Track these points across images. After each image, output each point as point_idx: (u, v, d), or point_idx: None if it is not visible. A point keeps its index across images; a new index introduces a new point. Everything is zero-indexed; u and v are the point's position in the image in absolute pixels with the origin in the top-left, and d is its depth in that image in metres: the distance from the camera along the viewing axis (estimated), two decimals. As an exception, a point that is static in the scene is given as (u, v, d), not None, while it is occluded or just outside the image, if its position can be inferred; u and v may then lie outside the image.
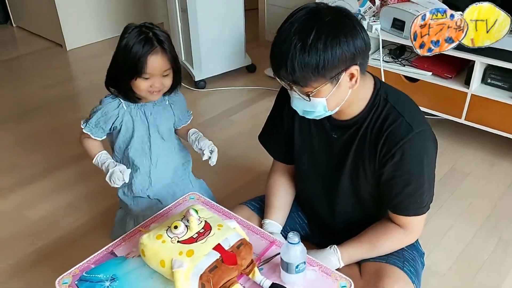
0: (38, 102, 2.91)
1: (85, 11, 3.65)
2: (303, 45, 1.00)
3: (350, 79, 1.09)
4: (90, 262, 1.21)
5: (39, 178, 2.19)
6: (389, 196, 1.22)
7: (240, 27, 2.95)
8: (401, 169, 1.15)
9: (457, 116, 2.17)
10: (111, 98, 1.47)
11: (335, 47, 1.01)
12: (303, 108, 1.15)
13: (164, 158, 1.56)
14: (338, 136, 1.24)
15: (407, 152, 1.13)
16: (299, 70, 1.02)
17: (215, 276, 1.05)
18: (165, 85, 1.41)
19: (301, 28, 1.02)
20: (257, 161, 2.21)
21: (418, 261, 1.30)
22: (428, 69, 2.22)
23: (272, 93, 2.88)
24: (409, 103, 1.19)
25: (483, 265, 1.67)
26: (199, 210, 1.18)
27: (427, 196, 1.20)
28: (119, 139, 1.51)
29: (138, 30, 1.35)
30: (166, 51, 1.36)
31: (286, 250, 1.08)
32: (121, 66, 1.37)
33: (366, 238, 1.25)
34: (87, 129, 1.47)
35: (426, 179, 1.18)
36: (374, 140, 1.17)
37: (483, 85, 2.14)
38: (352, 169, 1.24)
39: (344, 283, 1.11)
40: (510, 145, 2.26)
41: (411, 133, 1.12)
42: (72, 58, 3.57)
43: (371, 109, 1.17)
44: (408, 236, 1.26)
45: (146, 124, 1.50)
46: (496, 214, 1.90)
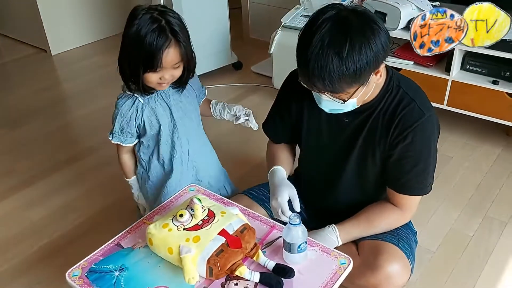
0: (29, 107, 2.92)
1: (69, 16, 3.66)
2: (340, 58, 1.03)
3: (375, 74, 1.14)
4: (98, 254, 1.26)
5: (37, 181, 2.22)
6: (397, 176, 1.28)
7: (225, 26, 3.00)
8: (412, 150, 1.22)
9: (439, 102, 2.26)
10: (124, 97, 1.39)
11: (368, 52, 1.04)
12: (332, 107, 1.19)
13: (197, 143, 1.50)
14: (349, 121, 1.28)
15: (418, 134, 1.20)
16: (338, 81, 1.06)
17: (222, 259, 1.11)
18: (175, 77, 1.33)
19: (333, 40, 1.03)
20: (251, 154, 2.27)
21: (412, 238, 1.38)
22: (410, 59, 2.31)
23: (259, 89, 2.95)
24: (419, 89, 1.26)
25: (470, 241, 1.76)
26: (202, 199, 1.24)
27: (431, 177, 1.28)
28: (146, 136, 1.43)
29: (150, 16, 1.23)
30: (180, 44, 1.26)
31: (288, 231, 1.14)
32: (134, 57, 1.27)
33: (364, 217, 1.32)
34: (115, 139, 1.42)
35: (432, 160, 1.26)
36: (387, 123, 1.23)
37: (462, 72, 2.23)
38: (361, 152, 1.30)
39: (343, 260, 1.18)
40: (490, 128, 2.36)
41: (423, 117, 1.19)
42: (57, 63, 3.57)
43: (385, 94, 1.23)
44: (403, 216, 1.33)
45: (168, 109, 1.41)
46: (479, 193, 1.99)
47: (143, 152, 1.49)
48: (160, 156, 1.48)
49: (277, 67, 2.70)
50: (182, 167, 1.51)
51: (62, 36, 3.67)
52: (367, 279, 1.26)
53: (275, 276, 1.12)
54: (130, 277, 1.17)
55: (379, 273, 1.24)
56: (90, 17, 3.76)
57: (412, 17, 2.24)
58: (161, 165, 1.51)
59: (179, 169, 1.51)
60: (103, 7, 3.82)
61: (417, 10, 2.26)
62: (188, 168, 1.52)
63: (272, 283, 1.11)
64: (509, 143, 2.30)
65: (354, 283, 1.29)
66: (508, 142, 2.30)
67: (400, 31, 2.25)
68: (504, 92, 2.08)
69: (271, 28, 2.79)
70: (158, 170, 1.51)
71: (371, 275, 1.25)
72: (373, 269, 1.25)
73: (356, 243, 1.35)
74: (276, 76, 2.74)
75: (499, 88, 2.09)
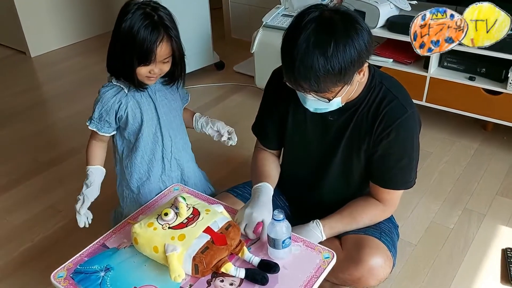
0: (8, 110, 2.88)
1: (48, 17, 3.61)
2: (325, 58, 1.05)
3: (359, 73, 1.16)
4: (83, 255, 1.25)
5: (18, 184, 2.19)
6: (381, 171, 1.31)
7: (207, 26, 3.00)
8: (395, 146, 1.25)
9: (418, 99, 2.31)
10: (109, 86, 1.37)
11: (353, 53, 1.07)
12: (317, 106, 1.21)
13: (180, 140, 1.50)
14: (334, 119, 1.30)
15: (401, 130, 1.23)
16: (323, 81, 1.08)
17: (207, 257, 1.12)
18: (163, 71, 1.34)
19: (318, 40, 1.05)
20: (235, 152, 2.28)
21: (394, 232, 1.41)
22: (389, 56, 2.35)
23: (241, 88, 2.96)
24: (401, 87, 1.29)
25: (450, 233, 1.81)
26: (187, 197, 1.24)
27: (414, 172, 1.31)
28: (128, 129, 1.40)
29: (143, 12, 1.25)
30: (172, 38, 1.28)
31: (272, 227, 1.16)
32: (126, 51, 1.27)
33: (347, 212, 1.34)
34: (92, 125, 1.39)
35: (415, 155, 1.29)
36: (371, 120, 1.25)
37: (440, 69, 2.28)
38: (346, 149, 1.32)
39: (327, 255, 1.20)
40: (468, 123, 2.42)
41: (406, 113, 1.22)
42: (37, 65, 3.53)
43: (368, 92, 1.25)
44: (386, 211, 1.36)
45: (153, 104, 1.41)
46: (458, 187, 2.04)
47: (124, 147, 1.47)
48: (141, 152, 1.45)
49: (259, 66, 2.71)
50: (164, 164, 1.49)
51: (41, 38, 3.63)
52: (350, 273, 1.28)
53: (260, 272, 1.14)
54: (116, 277, 1.17)
55: (362, 267, 1.26)
56: (69, 19, 3.72)
57: (391, 15, 2.29)
58: (141, 161, 1.47)
59: (161, 165, 1.49)
60: (82, 8, 3.78)
61: (395, 8, 2.31)
62: (172, 166, 1.51)
63: (257, 278, 1.12)
64: (486, 137, 2.36)
65: (337, 277, 1.31)
66: (485, 136, 2.36)
67: (379, 30, 2.29)
68: (481, 88, 2.14)
69: (252, 28, 2.81)
70: (138, 166, 1.47)
71: (354, 269, 1.27)
72: (356, 262, 1.27)
73: (339, 237, 1.37)
74: (258, 75, 2.76)
75: (475, 84, 2.14)
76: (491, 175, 2.10)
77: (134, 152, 1.45)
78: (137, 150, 1.43)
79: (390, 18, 2.28)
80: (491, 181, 2.06)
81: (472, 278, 1.62)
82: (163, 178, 1.50)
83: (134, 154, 1.45)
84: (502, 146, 2.29)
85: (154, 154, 1.46)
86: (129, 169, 1.48)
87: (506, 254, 1.68)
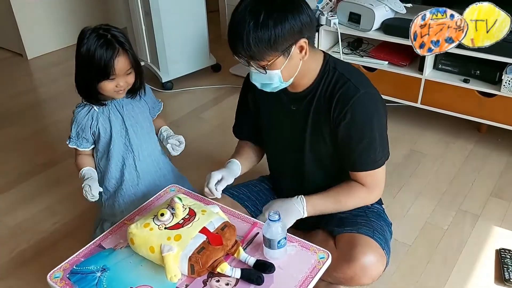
0: (4, 112, 2.88)
1: (45, 19, 3.62)
2: (256, 23, 1.13)
3: (300, 51, 1.22)
4: (80, 255, 1.26)
5: (14, 186, 2.19)
6: (346, 155, 1.34)
7: (203, 29, 3.02)
8: (353, 127, 1.28)
9: (413, 101, 2.33)
10: (81, 106, 1.52)
11: (284, 23, 1.15)
12: (261, 81, 1.27)
13: (146, 150, 1.60)
14: (296, 108, 1.36)
15: (357, 110, 1.26)
16: (254, 45, 1.15)
17: (203, 257, 1.13)
18: (129, 83, 1.46)
19: (253, 9, 1.14)
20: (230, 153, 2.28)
21: (386, 230, 1.42)
22: (384, 59, 2.36)
23: (237, 90, 2.90)
24: (355, 70, 1.34)
25: (445, 233, 1.82)
26: (183, 198, 1.25)
27: (380, 151, 1.32)
28: (101, 142, 1.54)
29: (96, 34, 1.38)
30: (127, 52, 1.41)
31: (268, 227, 1.17)
32: (87, 72, 1.40)
33: (332, 193, 1.37)
34: (72, 143, 1.54)
35: (378, 135, 1.30)
36: (327, 104, 1.30)
37: (435, 71, 2.30)
38: (312, 135, 1.36)
39: (322, 255, 1.21)
40: (462, 125, 2.44)
41: (358, 93, 1.26)
42: (33, 67, 3.53)
43: (322, 77, 1.31)
44: (370, 194, 1.38)
45: (120, 118, 1.53)
46: (453, 188, 2.06)
47: (99, 159, 1.58)
48: (114, 160, 1.56)
49: (255, 68, 2.72)
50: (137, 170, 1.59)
51: (38, 40, 3.63)
52: (344, 271, 1.30)
53: (255, 272, 1.15)
54: (112, 277, 1.18)
55: (354, 265, 1.27)
56: (66, 21, 3.72)
57: (386, 18, 2.31)
58: (115, 168, 1.58)
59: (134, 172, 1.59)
60: (79, 10, 3.79)
61: (390, 11, 2.33)
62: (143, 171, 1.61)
63: (253, 278, 1.13)
64: (481, 139, 2.38)
65: (331, 276, 1.32)
66: (479, 138, 2.38)
67: (374, 32, 2.31)
68: (475, 90, 2.15)
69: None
70: (112, 176, 1.59)
71: (347, 267, 1.29)
72: (349, 261, 1.28)
73: (334, 236, 1.38)
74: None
75: (470, 86, 2.16)
76: (486, 176, 2.12)
77: (109, 160, 1.56)
78: (111, 159, 1.56)
79: (385, 20, 2.29)
80: (485, 182, 2.08)
81: (466, 279, 1.63)
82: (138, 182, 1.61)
83: (110, 163, 1.57)
84: (496, 147, 2.31)
85: (124, 161, 1.58)
86: (107, 175, 1.58)
87: (500, 254, 1.69)
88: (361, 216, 1.42)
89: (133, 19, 2.93)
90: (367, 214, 1.42)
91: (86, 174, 1.52)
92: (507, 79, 2.04)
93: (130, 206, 1.56)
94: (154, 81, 3.00)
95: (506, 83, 2.04)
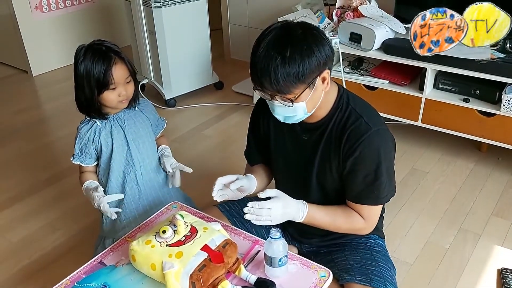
0: (9, 128, 2.91)
1: (50, 37, 3.68)
2: (283, 58, 1.14)
3: (323, 82, 1.24)
4: (81, 272, 1.26)
5: (16, 202, 2.21)
6: (350, 187, 1.34)
7: (207, 47, 3.06)
8: (361, 163, 1.29)
9: (414, 119, 2.35)
10: (85, 122, 1.54)
11: (311, 56, 1.16)
12: (285, 114, 1.27)
13: (149, 164, 1.61)
14: (308, 138, 1.37)
15: (366, 147, 1.27)
16: (283, 80, 1.16)
17: (205, 274, 1.13)
18: (130, 92, 1.49)
19: (277, 44, 1.15)
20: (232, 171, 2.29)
21: (393, 273, 1.40)
22: (385, 78, 2.39)
23: (240, 107, 3.00)
24: (368, 106, 1.35)
25: (446, 253, 1.82)
26: (184, 215, 1.26)
27: (385, 188, 1.33)
28: (103, 156, 1.56)
29: (91, 50, 1.42)
30: (124, 60, 1.45)
31: (269, 245, 1.17)
32: (88, 86, 1.43)
33: (331, 213, 1.36)
34: (76, 159, 1.56)
35: (384, 172, 1.30)
36: (338, 138, 1.31)
37: (435, 90, 2.32)
38: (319, 166, 1.36)
39: (323, 273, 1.21)
40: (463, 144, 2.45)
41: (369, 131, 1.27)
42: (38, 84, 3.58)
43: (336, 111, 1.32)
44: (365, 226, 1.37)
45: (122, 132, 1.55)
46: (454, 207, 2.06)
47: (102, 174, 1.60)
48: (115, 174, 1.57)
49: (258, 86, 2.75)
50: (138, 185, 1.60)
51: (43, 57, 3.68)
52: None
53: (257, 290, 1.15)
54: (113, 294, 1.18)
55: None
56: (71, 39, 3.77)
57: (386, 38, 2.34)
58: (116, 183, 1.59)
59: (136, 187, 1.60)
60: (84, 28, 3.85)
61: (391, 32, 2.36)
62: (145, 186, 1.61)
63: (254, 296, 1.13)
64: (481, 158, 2.38)
65: None
66: (480, 157, 2.39)
67: (375, 52, 2.34)
68: (475, 109, 2.17)
69: (251, 49, 2.85)
70: (113, 191, 1.59)
71: None
72: None
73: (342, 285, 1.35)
74: (256, 95, 2.79)
75: (470, 105, 2.18)
76: (486, 195, 2.12)
77: (109, 174, 1.57)
78: (112, 173, 1.57)
79: (386, 40, 2.33)
80: (486, 202, 2.08)
81: (468, 298, 1.62)
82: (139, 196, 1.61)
83: (110, 177, 1.57)
84: (497, 166, 2.31)
85: (126, 176, 1.59)
86: (107, 189, 1.59)
87: (501, 274, 1.69)
88: (369, 260, 1.39)
89: (137, 37, 2.98)
90: (375, 257, 1.40)
91: (88, 186, 1.53)
92: (507, 99, 2.06)
93: (132, 222, 1.56)
94: (158, 98, 3.03)
95: (506, 102, 2.06)
